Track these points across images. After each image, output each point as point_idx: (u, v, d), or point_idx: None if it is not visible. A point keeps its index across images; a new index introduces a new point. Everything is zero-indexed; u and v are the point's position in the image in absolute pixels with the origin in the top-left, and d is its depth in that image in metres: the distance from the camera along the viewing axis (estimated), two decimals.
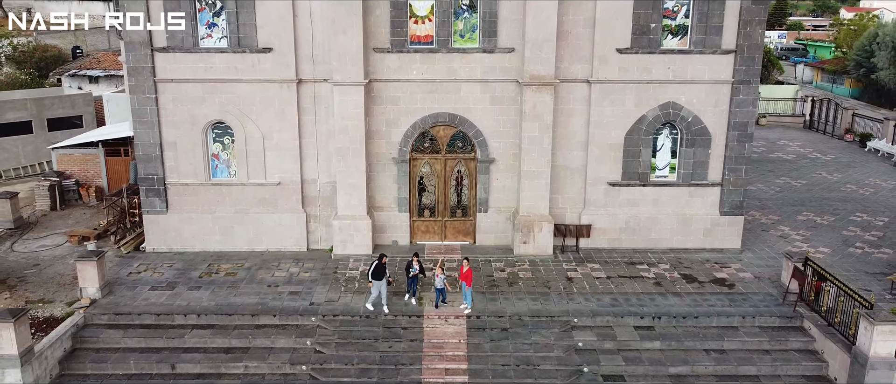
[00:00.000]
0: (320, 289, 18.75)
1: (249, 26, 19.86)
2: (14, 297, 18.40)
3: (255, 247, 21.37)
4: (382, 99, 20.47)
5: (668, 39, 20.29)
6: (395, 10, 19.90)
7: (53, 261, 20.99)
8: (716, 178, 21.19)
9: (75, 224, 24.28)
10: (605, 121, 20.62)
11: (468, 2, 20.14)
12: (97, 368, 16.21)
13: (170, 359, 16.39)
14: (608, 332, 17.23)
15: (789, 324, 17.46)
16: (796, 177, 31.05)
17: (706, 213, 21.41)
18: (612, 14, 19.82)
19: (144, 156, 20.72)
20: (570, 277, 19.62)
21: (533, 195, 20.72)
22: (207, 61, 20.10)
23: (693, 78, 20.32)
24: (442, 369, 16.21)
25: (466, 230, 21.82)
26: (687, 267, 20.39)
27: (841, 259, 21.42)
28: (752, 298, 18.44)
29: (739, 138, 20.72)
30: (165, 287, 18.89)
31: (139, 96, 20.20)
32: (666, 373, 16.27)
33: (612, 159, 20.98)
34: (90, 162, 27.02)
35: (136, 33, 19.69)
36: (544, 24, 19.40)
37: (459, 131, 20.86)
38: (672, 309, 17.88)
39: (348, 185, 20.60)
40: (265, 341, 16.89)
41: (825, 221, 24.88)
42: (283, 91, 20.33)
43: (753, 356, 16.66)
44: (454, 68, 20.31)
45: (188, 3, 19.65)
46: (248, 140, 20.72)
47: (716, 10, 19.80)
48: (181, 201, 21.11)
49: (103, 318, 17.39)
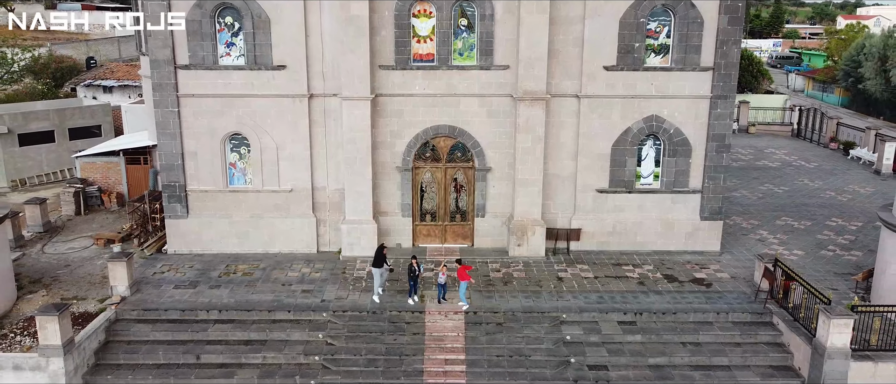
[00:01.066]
0: (330, 288, 20.40)
1: (265, 46, 21.56)
2: (50, 295, 20.05)
3: (269, 249, 23.02)
4: (387, 112, 22.16)
5: (651, 58, 21.96)
6: (399, 31, 21.59)
7: (83, 263, 22.65)
8: (696, 185, 22.83)
9: (99, 228, 25.92)
10: (593, 132, 22.29)
11: (466, 23, 21.83)
12: (129, 358, 17.86)
13: (195, 350, 18.04)
14: (594, 327, 18.86)
15: (759, 320, 19.08)
16: (779, 183, 32.68)
17: (687, 218, 23.05)
18: (599, 34, 21.51)
19: (167, 164, 22.40)
20: (561, 277, 21.26)
21: (526, 201, 22.38)
22: (226, 78, 21.81)
23: (674, 93, 21.99)
24: (442, 360, 17.84)
25: (465, 234, 23.47)
26: (669, 268, 22.02)
27: (813, 261, 23.06)
28: (726, 296, 20.07)
29: (717, 149, 22.37)
30: (188, 285, 20.55)
31: (163, 110, 21.90)
32: (646, 363, 17.88)
33: (599, 168, 22.63)
34: (111, 169, 28.70)
35: (161, 52, 21.40)
36: (536, 44, 21.10)
37: (458, 142, 22.53)
38: (653, 305, 19.50)
39: (355, 192, 22.28)
40: (281, 334, 18.53)
41: (802, 226, 26.50)
42: (296, 105, 22.02)
43: (726, 348, 18.27)
44: (453, 84, 22.00)
45: (209, 23, 21.36)
46: (263, 150, 22.40)
47: (694, 31, 21.47)
48: (201, 207, 22.78)
49: (133, 314, 19.04)
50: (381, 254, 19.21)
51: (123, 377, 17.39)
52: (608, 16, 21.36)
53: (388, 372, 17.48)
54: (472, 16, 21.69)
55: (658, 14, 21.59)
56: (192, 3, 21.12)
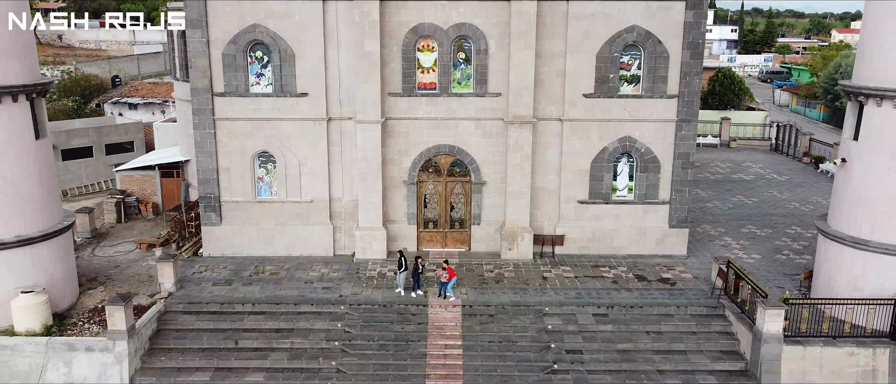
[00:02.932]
0: (346, 285, 23.70)
1: (290, 76, 24.96)
2: (107, 291, 23.36)
3: (291, 252, 26.30)
4: (395, 133, 25.51)
5: (624, 87, 25.30)
6: (405, 63, 24.98)
7: (130, 264, 25.99)
8: (665, 197, 26.10)
9: (139, 234, 29.26)
10: (574, 151, 25.60)
11: (464, 56, 25.21)
12: (178, 343, 21.16)
13: (233, 336, 21.34)
14: (572, 318, 22.12)
15: (714, 313, 22.32)
16: (750, 195, 35.90)
17: (657, 226, 26.31)
18: (578, 67, 24.87)
19: (204, 178, 25.76)
20: (545, 277, 24.53)
21: (516, 211, 25.69)
22: (256, 104, 25.19)
23: (645, 117, 25.31)
24: (442, 345, 21.11)
25: (463, 239, 26.77)
26: (640, 269, 25.27)
27: (768, 263, 26.30)
28: (687, 293, 23.31)
29: (682, 165, 25.67)
30: (224, 283, 23.86)
31: (201, 131, 25.28)
32: (615, 348, 21.12)
33: (580, 182, 25.93)
34: (147, 182, 32.09)
35: (201, 81, 24.79)
36: (524, 75, 24.47)
37: (457, 159, 25.86)
38: (623, 300, 22.76)
39: (367, 203, 25.61)
40: (305, 324, 21.83)
41: (764, 233, 29.74)
42: (316, 127, 25.39)
43: (683, 336, 21.51)
44: (453, 109, 25.35)
45: (242, 56, 24.77)
46: (287, 166, 25.75)
47: (661, 64, 24.82)
48: (232, 215, 26.11)
49: (179, 307, 22.34)
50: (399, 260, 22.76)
51: (174, 359, 20.70)
52: (587, 51, 24.72)
53: (397, 354, 20.77)
54: (469, 50, 25.08)
55: (630, 49, 24.93)
56: (227, 39, 24.53)
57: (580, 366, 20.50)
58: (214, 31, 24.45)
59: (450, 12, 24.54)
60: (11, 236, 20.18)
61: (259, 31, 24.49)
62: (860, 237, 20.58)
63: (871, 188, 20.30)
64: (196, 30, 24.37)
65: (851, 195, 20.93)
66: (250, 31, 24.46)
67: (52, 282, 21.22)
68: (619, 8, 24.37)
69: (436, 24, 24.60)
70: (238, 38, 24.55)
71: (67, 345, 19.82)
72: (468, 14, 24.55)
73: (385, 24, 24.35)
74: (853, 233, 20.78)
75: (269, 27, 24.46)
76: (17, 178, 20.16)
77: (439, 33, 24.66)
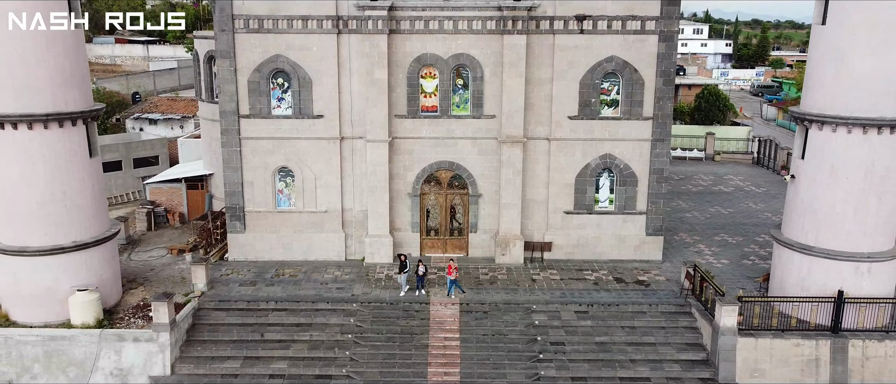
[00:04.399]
0: (358, 286, 26.75)
1: (307, 100, 28.10)
2: (145, 290, 26.44)
3: (307, 257, 29.36)
4: (401, 151, 28.62)
5: (605, 110, 28.40)
6: (410, 89, 28.11)
7: (163, 267, 29.07)
8: (642, 208, 29.13)
9: (169, 241, 32.35)
10: (560, 167, 28.68)
11: (462, 82, 28.36)
12: (212, 336, 24.21)
13: (259, 330, 24.39)
14: (556, 314, 25.14)
15: (681, 310, 25.31)
16: (727, 206, 38.93)
17: (636, 234, 29.33)
18: (564, 92, 27.98)
19: (230, 191, 28.86)
20: (534, 279, 27.56)
21: (509, 220, 28.75)
22: (277, 125, 28.33)
23: (623, 137, 28.39)
24: (442, 337, 24.13)
25: (461, 245, 29.83)
26: (619, 273, 28.28)
27: (735, 267, 29.31)
28: (659, 293, 26.32)
29: (657, 180, 28.72)
30: (249, 284, 26.93)
31: (229, 149, 28.42)
32: (593, 341, 24.13)
33: (566, 194, 29.00)
34: (174, 194, 35.22)
35: (229, 105, 27.93)
36: (515, 99, 27.58)
37: (456, 174, 28.95)
38: (602, 299, 25.76)
39: (376, 213, 28.69)
40: (322, 319, 24.87)
41: (734, 241, 32.75)
42: (330, 145, 28.51)
43: (653, 330, 24.52)
44: (452, 129, 28.47)
45: (265, 83, 27.93)
46: (304, 180, 28.85)
47: (638, 90, 27.92)
48: (255, 224, 29.20)
49: (211, 304, 25.40)
50: (402, 263, 25.75)
51: (209, 349, 23.76)
52: (571, 78, 27.84)
53: (402, 345, 23.81)
54: (466, 77, 28.22)
55: (609, 77, 28.05)
56: (253, 68, 27.70)
57: (562, 356, 23.50)
58: (241, 61, 27.64)
59: (449, 44, 27.70)
60: (69, 242, 23.29)
61: (281, 60, 27.67)
62: (806, 243, 23.60)
63: (814, 201, 23.34)
64: (225, 59, 27.57)
65: (799, 207, 23.98)
66: (273, 60, 27.64)
67: (102, 282, 24.31)
68: (599, 40, 27.50)
69: (437, 55, 27.76)
70: (262, 66, 27.72)
71: (117, 336, 22.90)
72: (466, 45, 27.70)
73: (392, 55, 27.51)
74: (801, 240, 23.81)
75: (289, 57, 27.63)
76: (74, 191, 23.30)
77: (440, 62, 27.81)
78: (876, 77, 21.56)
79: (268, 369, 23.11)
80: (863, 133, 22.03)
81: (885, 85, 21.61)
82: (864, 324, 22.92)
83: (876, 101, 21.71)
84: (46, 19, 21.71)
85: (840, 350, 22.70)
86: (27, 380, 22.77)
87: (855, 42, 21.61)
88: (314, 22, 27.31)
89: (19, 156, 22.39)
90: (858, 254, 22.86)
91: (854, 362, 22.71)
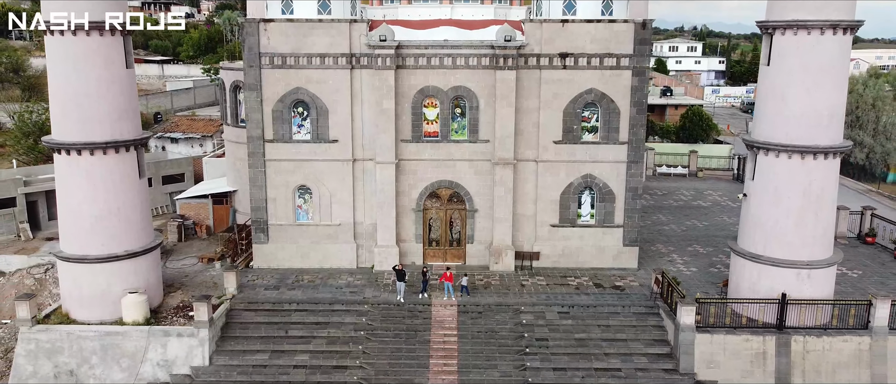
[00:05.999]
0: (368, 290, 30.53)
1: (324, 127, 32.00)
2: (183, 294, 30.23)
3: (323, 265, 33.13)
4: (406, 171, 32.48)
5: (586, 135, 32.24)
6: (414, 117, 32.00)
7: (196, 274, 32.89)
8: (619, 222, 32.90)
9: (198, 251, 36.16)
10: (547, 185, 32.49)
11: (460, 111, 32.25)
12: (242, 332, 27.99)
13: (284, 327, 28.18)
14: (541, 315, 28.88)
15: (651, 311, 29.02)
16: (703, 220, 42.64)
17: (614, 244, 33.09)
18: (549, 120, 31.82)
19: (255, 206, 32.71)
20: (523, 284, 31.31)
21: (501, 232, 32.55)
22: (297, 148, 32.21)
23: (602, 159, 32.20)
24: (442, 334, 27.89)
25: (459, 255, 33.62)
26: (599, 279, 32.01)
27: (702, 274, 33.03)
28: (632, 296, 30.04)
29: (632, 197, 32.52)
30: (273, 288, 30.72)
31: (255, 170, 32.30)
32: (573, 337, 27.87)
33: (552, 210, 32.79)
34: (201, 208, 39.08)
35: (255, 131, 31.85)
36: (507, 126, 31.44)
37: (455, 191, 32.79)
38: (582, 302, 29.50)
39: (384, 226, 32.52)
40: (338, 318, 28.65)
41: (705, 251, 36.46)
42: (344, 166, 32.38)
43: (626, 328, 28.24)
44: (451, 152, 32.33)
45: (287, 112, 31.85)
46: (321, 197, 32.70)
47: (614, 118, 31.76)
48: (277, 235, 33.02)
49: (241, 305, 29.20)
50: (400, 272, 29.48)
51: (241, 344, 27.55)
52: (555, 108, 31.70)
53: (408, 341, 27.59)
54: (463, 107, 32.12)
55: (589, 106, 31.91)
56: (276, 99, 31.64)
57: (546, 350, 27.25)
58: (267, 92, 31.59)
59: (449, 77, 31.62)
60: (122, 251, 27.13)
61: (301, 92, 31.61)
62: (756, 253, 27.35)
63: (762, 216, 27.13)
64: (252, 91, 31.53)
65: (750, 221, 27.77)
66: (294, 92, 31.59)
67: (148, 286, 28.12)
68: (580, 75, 31.39)
69: (438, 87, 31.68)
70: (285, 97, 31.66)
71: (163, 332, 26.70)
72: (463, 79, 31.62)
73: (399, 87, 31.44)
74: (751, 250, 27.56)
75: (308, 89, 31.58)
76: (126, 207, 27.18)
77: (440, 94, 31.74)
78: (809, 112, 25.42)
79: (292, 361, 26.88)
80: (801, 159, 25.84)
81: (817, 119, 25.47)
82: (805, 322, 26.62)
83: (810, 132, 25.55)
84: (107, 65, 25.67)
85: (784, 344, 26.38)
86: (86, 370, 26.56)
87: (792, 82, 25.51)
88: (330, 59, 31.30)
89: (82, 177, 26.31)
90: (799, 261, 26.57)
91: (796, 355, 26.39)
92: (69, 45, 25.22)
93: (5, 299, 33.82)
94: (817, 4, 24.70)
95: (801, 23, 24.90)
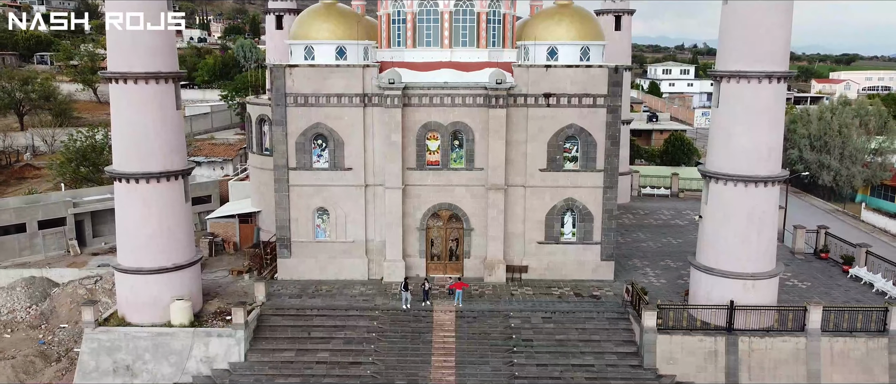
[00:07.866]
0: (379, 299, 35.28)
1: (340, 156, 36.93)
2: (219, 301, 35.00)
3: (338, 277, 37.90)
4: (411, 195, 37.33)
5: (567, 164, 37.08)
6: (418, 148, 36.91)
7: (228, 285, 37.69)
8: (598, 239, 37.61)
9: (228, 265, 40.95)
10: (533, 207, 37.32)
11: (458, 143, 37.17)
12: (272, 334, 32.74)
13: (307, 329, 32.94)
14: (527, 319, 33.58)
15: (622, 317, 33.68)
16: (677, 237, 47.26)
17: (593, 259, 37.83)
18: (535, 151, 36.68)
19: (280, 225, 37.55)
20: (513, 294, 36.01)
21: (494, 248, 37.33)
22: (317, 175, 37.12)
23: (582, 184, 37.01)
24: (442, 336, 32.61)
25: (458, 268, 38.38)
26: (579, 290, 36.66)
27: (670, 285, 37.69)
28: (606, 304, 34.71)
29: (608, 217, 37.29)
30: (296, 296, 35.49)
31: (280, 194, 37.19)
32: (554, 338, 32.54)
33: (538, 229, 37.58)
34: (229, 227, 43.94)
35: (281, 160, 36.79)
36: (498, 156, 36.33)
37: (454, 213, 37.62)
38: (563, 309, 34.18)
39: (392, 243, 37.30)
40: (353, 322, 33.38)
41: (675, 265, 41.10)
42: (357, 191, 37.25)
43: (600, 331, 32.92)
44: (450, 179, 37.21)
45: (308, 143, 36.80)
46: (337, 217, 37.54)
47: (592, 149, 36.61)
48: (298, 251, 37.83)
49: (270, 311, 33.96)
50: (405, 283, 34.24)
51: (271, 343, 32.30)
52: (541, 140, 36.58)
53: (413, 341, 32.34)
54: (461, 139, 37.03)
55: (570, 139, 36.78)
56: (299, 132, 36.61)
57: (531, 349, 31.93)
58: (291, 127, 36.56)
59: (448, 114, 36.56)
60: (171, 264, 31.96)
61: (320, 126, 36.58)
62: (709, 266, 32.05)
63: (714, 235, 31.86)
64: (279, 126, 36.52)
65: (705, 240, 32.51)
66: (315, 127, 36.56)
67: (191, 294, 32.91)
68: (561, 112, 36.29)
69: (439, 122, 36.63)
70: (306, 131, 36.62)
71: (206, 333, 31.48)
72: (461, 115, 36.56)
73: (405, 123, 36.39)
74: (706, 264, 32.26)
75: (327, 124, 36.55)
76: (174, 227, 32.05)
77: (441, 128, 36.68)
78: (750, 148, 30.24)
79: (314, 358, 31.61)
80: (744, 186, 30.64)
81: (757, 153, 30.28)
82: (751, 325, 31.26)
83: (752, 164, 30.36)
84: (161, 107, 30.67)
85: (732, 344, 31.01)
86: (140, 365, 31.30)
87: (736, 122, 30.36)
88: (346, 98, 36.30)
89: (138, 202, 31.21)
90: (745, 273, 31.25)
91: (743, 353, 31.01)
92: (132, 92, 30.18)
93: (61, 307, 38.68)
94: (755, 57, 29.60)
95: (743, 73, 29.79)
